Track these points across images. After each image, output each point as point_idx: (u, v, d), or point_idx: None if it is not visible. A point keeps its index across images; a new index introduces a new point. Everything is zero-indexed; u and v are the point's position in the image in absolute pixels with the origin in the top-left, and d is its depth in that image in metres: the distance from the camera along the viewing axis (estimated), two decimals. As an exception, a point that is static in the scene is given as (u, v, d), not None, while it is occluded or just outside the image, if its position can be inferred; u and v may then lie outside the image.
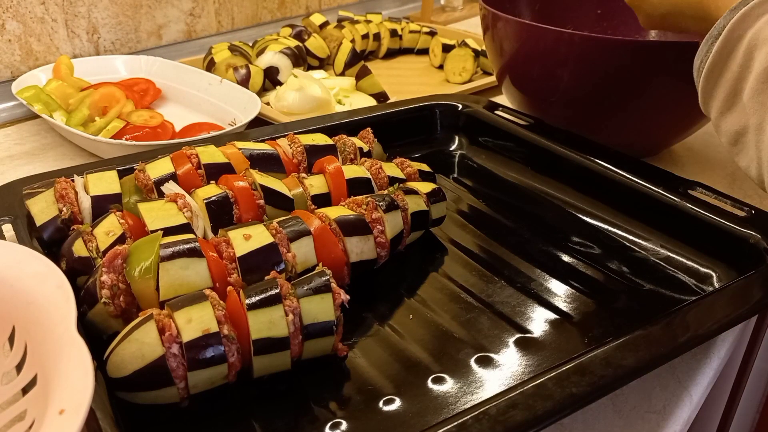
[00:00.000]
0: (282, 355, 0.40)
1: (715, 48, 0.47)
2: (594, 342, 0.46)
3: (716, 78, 0.48)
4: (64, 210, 0.48)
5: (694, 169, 0.73)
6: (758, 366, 0.84)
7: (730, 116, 0.47)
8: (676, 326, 0.42)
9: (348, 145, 0.59)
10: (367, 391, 0.42)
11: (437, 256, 0.56)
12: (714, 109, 0.49)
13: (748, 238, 0.51)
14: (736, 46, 0.46)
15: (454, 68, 0.99)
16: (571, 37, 0.64)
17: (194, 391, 0.39)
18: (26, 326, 0.35)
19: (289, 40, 0.97)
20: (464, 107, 0.73)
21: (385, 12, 1.29)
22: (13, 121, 0.84)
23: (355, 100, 0.88)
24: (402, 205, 0.52)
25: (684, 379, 0.47)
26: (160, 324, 0.37)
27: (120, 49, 0.99)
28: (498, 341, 0.46)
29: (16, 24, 0.87)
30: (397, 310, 0.49)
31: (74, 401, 0.29)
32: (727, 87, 0.47)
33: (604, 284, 0.53)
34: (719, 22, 0.47)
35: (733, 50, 0.46)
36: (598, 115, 0.69)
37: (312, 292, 0.41)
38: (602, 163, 0.61)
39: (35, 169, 0.70)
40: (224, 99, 0.83)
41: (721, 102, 0.48)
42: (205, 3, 1.06)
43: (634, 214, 0.58)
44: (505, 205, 0.64)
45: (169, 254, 0.41)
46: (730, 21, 0.46)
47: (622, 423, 0.43)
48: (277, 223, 0.47)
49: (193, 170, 0.52)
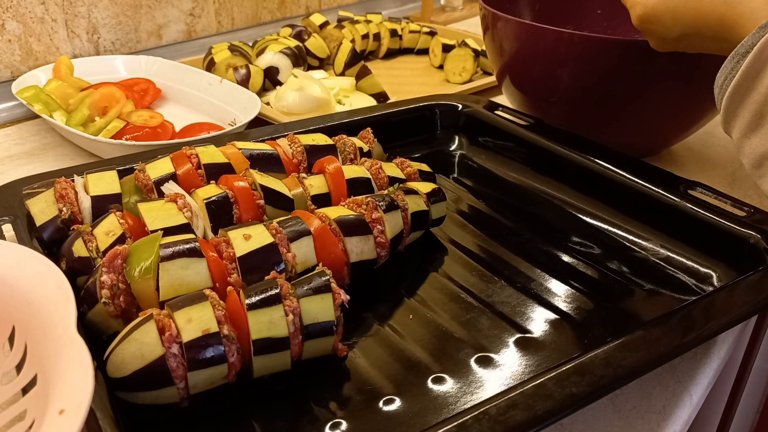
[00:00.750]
0: (282, 355, 0.40)
1: (742, 66, 0.45)
2: (594, 342, 0.46)
3: (741, 97, 0.46)
4: (64, 210, 0.48)
5: (694, 169, 0.73)
6: (758, 366, 0.84)
7: (755, 138, 0.46)
8: (676, 326, 0.42)
9: (348, 145, 0.59)
10: (367, 391, 0.42)
11: (437, 256, 0.56)
12: (737, 129, 0.47)
13: (748, 238, 0.51)
14: (766, 65, 0.44)
15: (454, 68, 0.99)
16: (571, 37, 0.64)
17: (194, 391, 0.39)
18: (26, 326, 0.35)
19: (289, 40, 0.97)
20: (464, 107, 0.73)
21: (385, 12, 1.29)
22: (13, 121, 0.84)
23: (355, 100, 0.88)
24: (402, 205, 0.52)
25: (684, 379, 0.47)
26: (160, 324, 0.37)
27: (120, 49, 0.99)
28: (498, 341, 0.46)
29: (16, 24, 0.87)
30: (397, 310, 0.49)
31: (74, 401, 0.29)
32: (754, 108, 0.45)
33: (604, 284, 0.53)
34: (747, 39, 0.45)
35: (762, 70, 0.44)
36: (598, 115, 0.69)
37: (312, 292, 0.41)
38: (602, 163, 0.61)
39: (35, 169, 0.70)
40: (224, 99, 0.83)
41: (746, 123, 0.46)
42: (205, 3, 1.06)
43: (634, 214, 0.58)
44: (505, 205, 0.64)
45: (169, 254, 0.41)
46: (760, 39, 0.44)
47: (622, 423, 0.43)
48: (277, 223, 0.47)
49: (193, 170, 0.52)
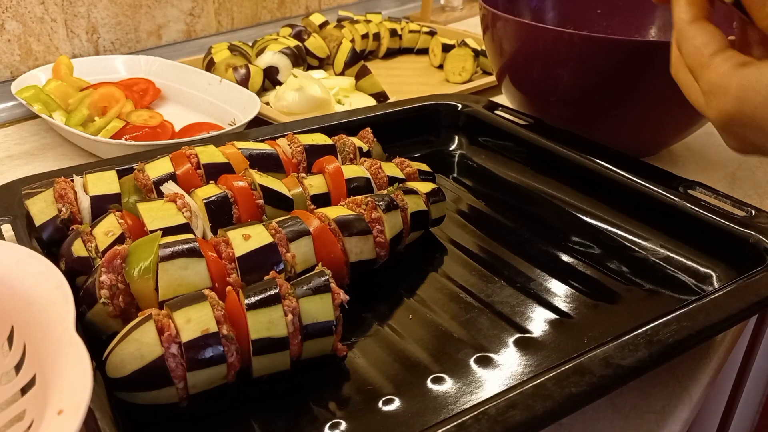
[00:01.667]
0: (281, 355, 0.40)
1: None
2: (593, 342, 0.46)
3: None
4: (63, 210, 0.48)
5: (694, 169, 0.73)
6: (758, 366, 0.84)
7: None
8: (675, 326, 0.42)
9: (347, 145, 0.59)
10: (367, 391, 0.42)
11: (437, 256, 0.56)
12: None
13: (748, 238, 0.51)
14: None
15: (453, 68, 0.99)
16: (570, 37, 0.64)
17: (193, 391, 0.39)
18: (25, 326, 0.35)
19: (289, 39, 0.97)
20: (464, 107, 0.73)
21: (384, 12, 1.29)
22: (12, 121, 0.84)
23: (355, 100, 0.88)
24: (401, 205, 0.52)
25: (684, 379, 0.47)
26: (159, 324, 0.37)
27: (119, 49, 0.99)
28: (497, 341, 0.46)
29: (16, 24, 0.87)
30: (396, 310, 0.49)
31: (73, 401, 0.28)
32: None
33: (603, 284, 0.53)
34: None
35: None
36: (598, 115, 0.69)
37: (311, 292, 0.41)
38: (602, 163, 0.61)
39: (34, 169, 0.70)
40: (224, 99, 0.83)
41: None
42: (204, 3, 1.06)
43: (633, 214, 0.58)
44: (504, 205, 0.64)
45: (169, 254, 0.41)
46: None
47: (622, 423, 0.43)
48: (277, 223, 0.47)
49: (193, 170, 0.52)
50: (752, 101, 0.39)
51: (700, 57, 0.42)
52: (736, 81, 0.40)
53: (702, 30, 0.43)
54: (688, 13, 0.44)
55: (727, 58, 0.41)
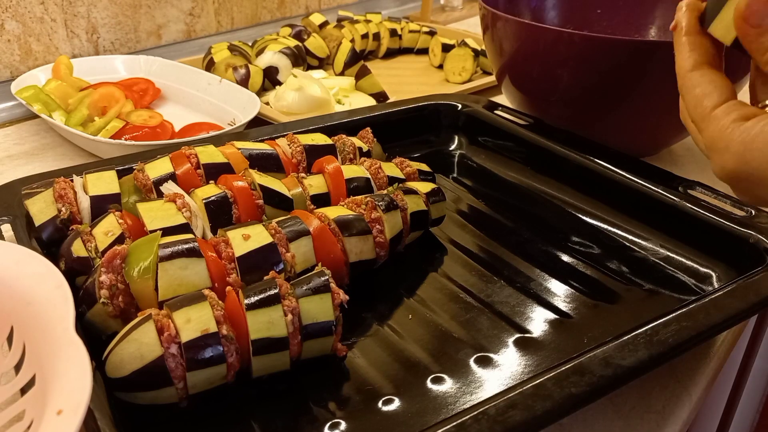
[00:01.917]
0: (281, 355, 0.40)
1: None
2: (593, 342, 0.46)
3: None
4: (63, 210, 0.48)
5: (694, 169, 0.73)
6: (758, 366, 0.84)
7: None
8: (675, 326, 0.42)
9: (347, 145, 0.59)
10: (367, 391, 0.42)
11: (437, 256, 0.56)
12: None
13: (748, 238, 0.51)
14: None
15: (453, 68, 0.99)
16: (570, 37, 0.64)
17: (193, 391, 0.39)
18: (25, 326, 0.35)
19: (289, 39, 0.97)
20: (464, 107, 0.73)
21: (384, 12, 1.29)
22: (12, 121, 0.84)
23: (355, 100, 0.88)
24: (401, 205, 0.52)
25: (684, 379, 0.47)
26: (158, 324, 0.37)
27: (119, 49, 0.99)
28: (497, 341, 0.46)
29: (16, 24, 0.87)
30: (396, 310, 0.49)
31: (72, 401, 0.28)
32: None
33: (603, 284, 0.53)
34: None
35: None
36: (598, 115, 0.69)
37: (311, 292, 0.41)
38: (602, 163, 0.61)
39: (34, 169, 0.69)
40: (224, 99, 0.83)
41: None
42: (204, 3, 1.06)
43: (633, 214, 0.58)
44: (504, 205, 0.64)
45: (168, 254, 0.41)
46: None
47: (622, 423, 0.43)
48: (276, 223, 0.47)
49: (192, 170, 0.52)
50: (755, 159, 0.37)
51: (702, 109, 0.41)
52: (738, 137, 0.38)
53: (703, 79, 0.41)
54: (690, 59, 0.42)
55: (728, 112, 0.39)
